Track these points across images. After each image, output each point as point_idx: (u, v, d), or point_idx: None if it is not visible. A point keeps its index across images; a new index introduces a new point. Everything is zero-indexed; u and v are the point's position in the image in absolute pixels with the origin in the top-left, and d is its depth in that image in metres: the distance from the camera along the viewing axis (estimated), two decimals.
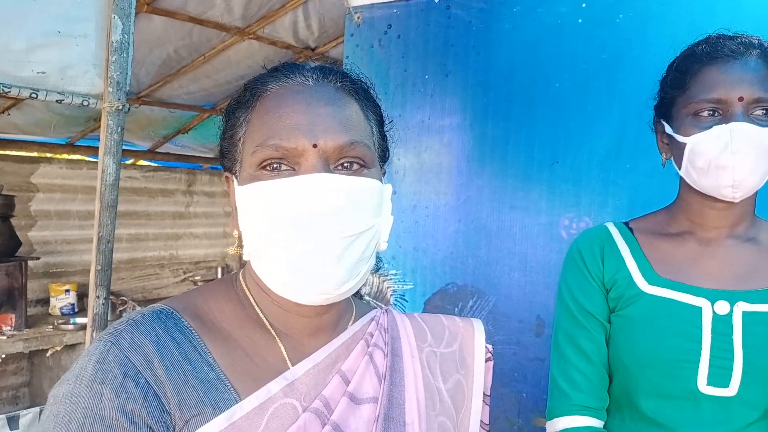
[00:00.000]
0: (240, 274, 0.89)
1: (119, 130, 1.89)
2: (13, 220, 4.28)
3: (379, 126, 0.88)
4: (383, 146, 0.88)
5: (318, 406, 0.77)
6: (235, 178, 0.83)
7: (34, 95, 1.79)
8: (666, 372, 1.13)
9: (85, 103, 1.87)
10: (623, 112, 1.90)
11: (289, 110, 0.77)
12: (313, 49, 4.22)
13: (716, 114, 1.11)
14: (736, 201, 1.13)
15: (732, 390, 1.10)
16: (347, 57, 2.48)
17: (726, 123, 1.09)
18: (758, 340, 1.10)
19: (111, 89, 1.87)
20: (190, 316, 0.81)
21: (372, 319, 0.91)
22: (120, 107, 1.88)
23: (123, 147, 1.95)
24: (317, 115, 0.77)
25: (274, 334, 0.83)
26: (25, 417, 1.88)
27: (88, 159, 4.99)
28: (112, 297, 4.45)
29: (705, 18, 1.81)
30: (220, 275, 5.99)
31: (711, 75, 1.11)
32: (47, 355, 4.35)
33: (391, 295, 2.33)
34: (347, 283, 0.77)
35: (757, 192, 1.16)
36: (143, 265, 5.57)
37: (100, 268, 1.89)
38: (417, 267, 2.27)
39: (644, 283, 1.19)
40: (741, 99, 1.08)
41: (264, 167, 0.77)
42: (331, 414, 0.77)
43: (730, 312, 1.12)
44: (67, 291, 4.67)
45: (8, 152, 4.53)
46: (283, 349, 0.82)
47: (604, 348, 1.22)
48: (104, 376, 0.71)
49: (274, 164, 0.76)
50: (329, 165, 0.76)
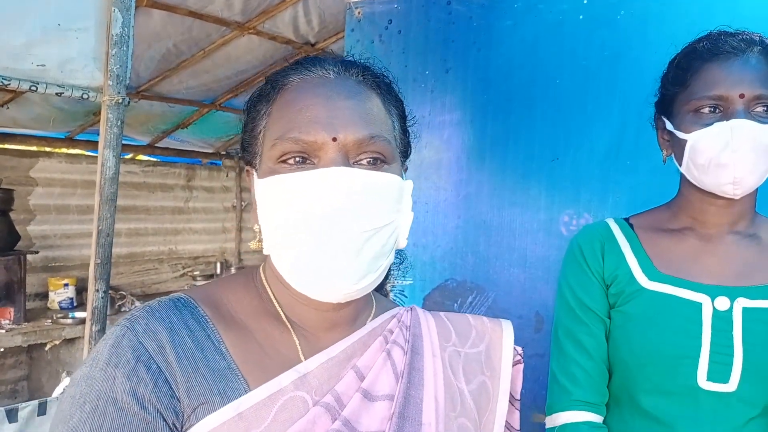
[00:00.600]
0: (260, 266, 0.88)
1: (119, 123, 1.89)
2: (12, 214, 4.28)
3: (401, 121, 0.86)
4: (405, 141, 0.86)
5: (329, 400, 0.76)
6: (255, 172, 0.82)
7: (33, 88, 1.79)
8: (666, 368, 1.13)
9: (85, 96, 1.87)
10: (623, 110, 1.90)
11: (309, 103, 0.76)
12: (313, 45, 4.21)
13: (717, 111, 1.10)
14: (737, 198, 1.12)
15: (732, 386, 1.10)
16: (347, 52, 2.48)
17: (727, 120, 1.08)
18: (758, 337, 1.10)
19: (111, 82, 1.86)
20: (207, 305, 0.80)
21: (393, 317, 0.89)
22: (120, 100, 1.87)
23: (122, 141, 1.95)
24: (337, 108, 0.76)
25: (289, 326, 0.82)
26: (24, 410, 1.88)
27: (87, 153, 4.99)
28: (111, 291, 4.45)
29: (705, 16, 1.81)
30: (219, 270, 6.01)
31: (712, 72, 1.11)
32: (46, 349, 4.36)
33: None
34: (365, 279, 0.75)
35: (757, 189, 1.15)
36: (142, 259, 5.57)
37: (99, 261, 1.89)
38: (416, 262, 2.27)
39: (644, 279, 1.18)
40: (742, 96, 1.08)
41: (284, 160, 0.76)
42: (343, 409, 0.76)
43: (731, 308, 1.12)
44: (66, 285, 4.67)
45: (7, 146, 4.52)
46: (297, 342, 0.81)
47: (604, 344, 1.22)
48: (118, 359, 0.72)
49: (294, 157, 0.75)
50: (349, 159, 0.75)
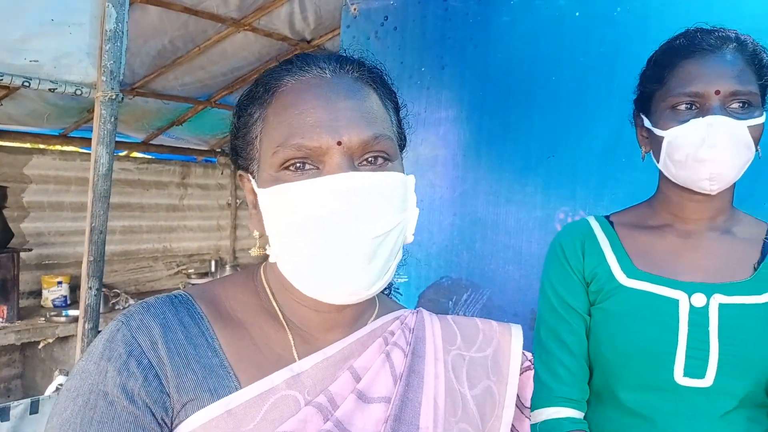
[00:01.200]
0: (261, 266, 0.87)
1: (112, 119, 1.87)
2: (6, 211, 4.26)
3: (397, 113, 0.85)
4: (401, 134, 0.85)
5: (322, 400, 0.75)
6: (253, 178, 0.79)
7: (27, 83, 1.77)
8: (644, 364, 1.15)
9: (79, 92, 1.85)
10: (622, 106, 1.87)
11: (309, 106, 0.74)
12: (309, 41, 4.19)
13: (694, 107, 1.12)
14: (714, 193, 1.14)
15: (708, 381, 1.12)
16: (343, 49, 2.46)
17: (703, 116, 1.10)
18: (733, 332, 1.12)
19: (104, 78, 1.85)
20: (205, 303, 0.80)
21: (396, 318, 0.88)
22: (113, 96, 1.86)
23: (117, 138, 1.93)
24: (338, 110, 0.73)
25: (285, 326, 0.81)
26: (16, 408, 1.87)
27: (81, 150, 4.97)
28: (105, 289, 4.44)
29: (703, 11, 1.80)
30: (213, 268, 5.99)
31: (688, 69, 1.13)
32: (39, 347, 4.34)
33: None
34: (378, 282, 0.75)
35: (735, 184, 1.17)
36: (137, 257, 5.55)
37: (92, 258, 1.88)
38: (411, 260, 2.26)
39: (623, 277, 1.20)
40: (718, 92, 1.09)
41: (286, 167, 0.73)
42: (336, 410, 0.75)
43: (707, 304, 1.14)
44: (60, 283, 4.66)
45: (1, 143, 4.50)
46: (292, 342, 0.80)
47: (584, 341, 1.23)
48: (111, 354, 0.72)
49: (297, 164, 0.73)
50: (354, 162, 0.73)
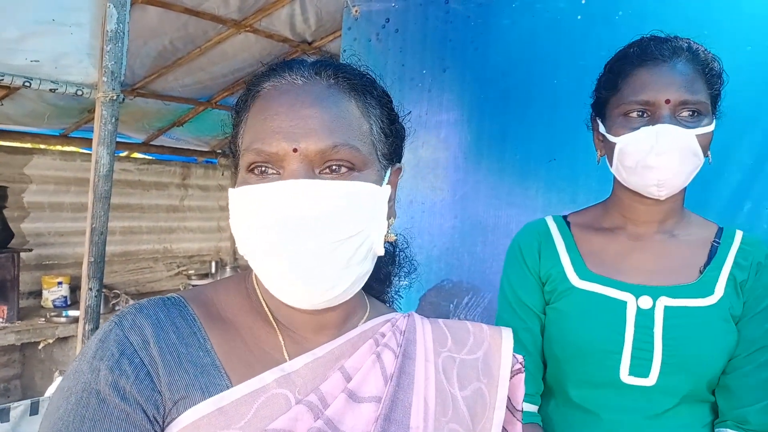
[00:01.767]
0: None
1: (113, 120, 1.87)
2: (6, 212, 4.26)
3: (386, 122, 0.83)
4: (390, 143, 0.84)
5: (312, 399, 0.76)
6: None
7: (27, 84, 1.77)
8: (592, 362, 1.20)
9: (79, 93, 1.85)
10: None
11: (272, 113, 0.76)
12: (310, 43, 4.19)
13: (645, 115, 1.15)
14: (662, 199, 1.18)
15: (651, 380, 1.16)
16: (344, 51, 2.47)
17: (653, 125, 1.13)
18: (677, 333, 1.16)
19: (105, 79, 1.85)
20: (197, 304, 0.82)
21: (388, 321, 0.89)
22: (114, 97, 1.86)
23: (117, 139, 1.93)
24: (300, 117, 0.75)
25: (276, 327, 0.82)
26: (16, 409, 1.86)
27: (81, 151, 4.97)
28: (105, 290, 4.43)
29: (702, 15, 1.81)
30: (213, 269, 5.99)
31: (640, 77, 1.16)
32: (39, 347, 4.33)
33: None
34: (336, 288, 0.75)
35: (685, 188, 1.20)
36: (137, 258, 5.54)
37: (92, 259, 1.88)
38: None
39: (575, 278, 1.24)
40: (668, 101, 1.12)
41: (251, 171, 0.76)
42: (326, 409, 0.76)
43: (653, 306, 1.18)
44: (60, 283, 4.65)
45: (1, 143, 4.50)
46: (282, 342, 0.81)
47: (539, 338, 1.29)
48: (103, 353, 0.74)
49: (261, 168, 0.75)
50: (314, 169, 0.74)
